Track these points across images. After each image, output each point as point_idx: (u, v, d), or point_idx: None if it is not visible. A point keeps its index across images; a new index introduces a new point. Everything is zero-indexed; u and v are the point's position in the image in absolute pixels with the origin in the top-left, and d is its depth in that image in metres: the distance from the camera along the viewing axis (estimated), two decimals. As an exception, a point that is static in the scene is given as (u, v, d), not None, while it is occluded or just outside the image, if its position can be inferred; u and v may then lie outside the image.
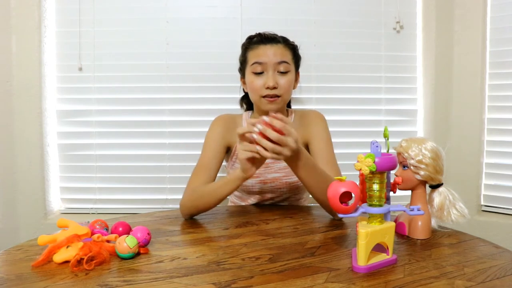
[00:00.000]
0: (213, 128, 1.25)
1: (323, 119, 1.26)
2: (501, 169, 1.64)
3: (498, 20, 1.62)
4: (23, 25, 1.60)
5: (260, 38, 1.21)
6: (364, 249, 0.71)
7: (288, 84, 1.18)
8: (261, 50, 1.17)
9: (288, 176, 1.23)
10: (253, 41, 1.22)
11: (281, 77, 1.17)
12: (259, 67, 1.17)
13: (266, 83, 1.15)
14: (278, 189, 1.25)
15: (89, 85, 1.68)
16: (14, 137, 1.63)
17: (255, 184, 1.25)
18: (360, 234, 0.71)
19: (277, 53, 1.17)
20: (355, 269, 0.72)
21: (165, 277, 0.70)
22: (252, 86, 1.18)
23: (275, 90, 1.16)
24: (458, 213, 0.91)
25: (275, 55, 1.17)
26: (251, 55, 1.19)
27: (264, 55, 1.17)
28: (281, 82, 1.17)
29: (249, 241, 0.89)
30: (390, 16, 1.71)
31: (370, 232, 0.71)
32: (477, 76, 1.63)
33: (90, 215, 1.69)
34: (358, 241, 0.71)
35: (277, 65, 1.17)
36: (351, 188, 0.72)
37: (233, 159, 1.27)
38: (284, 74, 1.18)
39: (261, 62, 1.16)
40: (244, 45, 1.26)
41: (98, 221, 0.90)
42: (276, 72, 1.17)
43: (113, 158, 1.70)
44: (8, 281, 0.68)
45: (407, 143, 0.92)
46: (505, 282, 0.67)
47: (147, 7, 1.66)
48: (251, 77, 1.18)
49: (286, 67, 1.18)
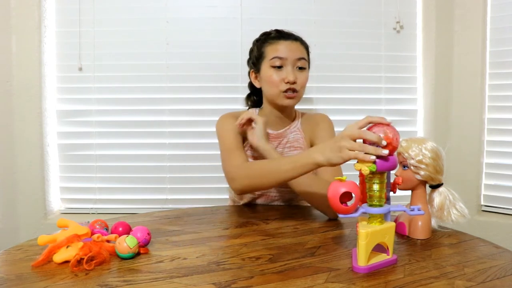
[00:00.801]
0: (225, 121, 1.24)
1: (328, 121, 1.28)
2: (501, 169, 1.64)
3: (498, 20, 1.62)
4: (23, 25, 1.60)
5: (279, 34, 1.22)
6: (365, 249, 0.71)
7: (305, 81, 1.21)
8: (281, 45, 1.18)
9: None
10: (271, 36, 1.22)
11: (300, 73, 1.19)
12: (278, 61, 1.17)
13: (286, 77, 1.16)
14: (281, 188, 1.25)
15: (89, 85, 1.68)
16: (14, 137, 1.63)
17: None
18: (360, 234, 0.71)
19: (297, 49, 1.19)
20: (355, 270, 0.72)
21: (165, 277, 0.70)
22: (271, 79, 1.18)
23: (294, 85, 1.17)
24: (458, 213, 0.91)
25: (295, 51, 1.18)
26: (270, 49, 1.20)
27: (285, 50, 1.17)
28: (300, 78, 1.18)
29: (249, 241, 0.89)
30: (390, 16, 1.71)
31: (370, 232, 0.71)
32: (477, 76, 1.63)
33: (90, 215, 1.69)
34: (359, 241, 0.71)
35: (297, 61, 1.18)
36: (351, 188, 0.72)
37: None
38: (302, 70, 1.20)
39: (282, 57, 1.17)
40: (260, 40, 1.26)
41: (98, 221, 0.90)
42: (295, 68, 1.18)
43: (113, 158, 1.70)
44: (8, 281, 0.68)
45: (407, 143, 0.92)
46: (505, 282, 0.67)
47: (147, 7, 1.66)
48: (269, 71, 1.19)
49: (304, 64, 1.20)
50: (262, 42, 1.24)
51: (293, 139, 1.26)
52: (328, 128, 1.26)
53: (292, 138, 1.26)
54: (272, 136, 1.26)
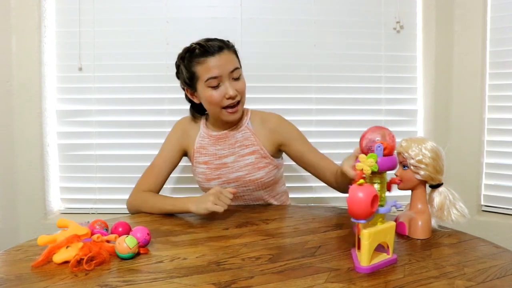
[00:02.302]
0: (173, 132, 1.32)
1: (286, 120, 1.28)
2: (501, 169, 1.64)
3: (498, 20, 1.62)
4: (23, 25, 1.60)
5: (203, 49, 1.15)
6: (368, 249, 0.71)
7: (244, 88, 1.20)
8: (210, 63, 1.13)
9: (251, 174, 1.22)
10: (196, 53, 1.15)
11: (236, 82, 1.17)
12: (214, 81, 1.14)
13: (226, 93, 1.15)
14: (245, 188, 1.24)
15: (89, 85, 1.68)
16: (14, 137, 1.63)
17: (219, 185, 1.23)
18: (363, 234, 0.71)
19: (227, 62, 1.15)
20: (358, 270, 0.72)
21: (165, 277, 0.70)
22: (212, 100, 1.16)
23: (236, 97, 1.17)
24: (458, 213, 0.91)
25: (226, 64, 1.14)
26: (201, 70, 1.15)
27: (216, 67, 1.13)
28: (238, 87, 1.17)
29: (249, 241, 0.89)
30: (390, 16, 1.71)
31: (373, 233, 0.71)
32: (477, 76, 1.63)
33: (90, 215, 1.69)
34: (362, 241, 0.71)
35: (231, 73, 1.16)
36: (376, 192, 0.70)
37: (194, 163, 1.28)
38: (238, 79, 1.18)
39: (216, 76, 1.13)
40: (185, 58, 1.19)
41: (98, 221, 0.90)
42: (231, 80, 1.16)
43: (113, 158, 1.70)
44: (8, 281, 0.68)
45: (407, 143, 0.92)
46: (505, 282, 0.67)
47: (147, 7, 1.66)
48: (208, 92, 1.15)
49: (238, 72, 1.18)
50: (189, 61, 1.17)
51: (243, 137, 1.24)
52: (290, 127, 1.26)
53: (241, 137, 1.24)
54: (217, 137, 1.25)
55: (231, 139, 1.25)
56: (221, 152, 1.25)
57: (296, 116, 1.66)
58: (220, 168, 1.24)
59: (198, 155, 1.27)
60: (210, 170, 1.25)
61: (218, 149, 1.25)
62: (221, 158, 1.24)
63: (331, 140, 1.71)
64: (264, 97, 1.67)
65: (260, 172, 1.22)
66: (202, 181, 1.27)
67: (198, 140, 1.28)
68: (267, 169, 1.23)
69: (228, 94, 1.15)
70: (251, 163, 1.22)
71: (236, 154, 1.24)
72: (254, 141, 1.24)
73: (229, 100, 1.16)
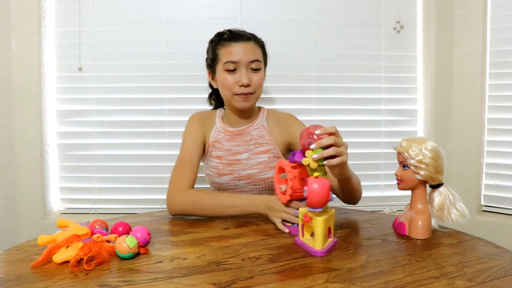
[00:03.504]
0: (190, 124, 1.30)
1: (298, 120, 1.30)
2: (501, 169, 1.64)
3: (498, 20, 1.62)
4: (23, 25, 1.60)
5: (231, 35, 1.21)
6: (322, 234, 0.80)
7: (261, 81, 1.22)
8: (233, 48, 1.19)
9: (263, 172, 1.23)
10: (224, 37, 1.22)
11: (254, 74, 1.20)
12: (232, 65, 1.18)
13: (240, 80, 1.18)
14: (254, 186, 1.25)
15: (89, 85, 1.67)
16: (14, 137, 1.63)
17: (229, 181, 1.25)
18: (318, 221, 0.79)
19: (249, 51, 1.19)
20: (314, 254, 0.80)
21: (165, 277, 0.70)
22: (225, 83, 1.20)
23: (248, 88, 1.19)
24: (458, 213, 0.91)
25: (248, 53, 1.18)
26: (223, 52, 1.20)
27: (237, 53, 1.18)
28: (254, 79, 1.20)
29: (249, 241, 0.89)
30: (390, 16, 1.71)
31: (326, 219, 0.81)
32: (477, 76, 1.63)
33: (90, 215, 1.69)
34: (316, 228, 0.80)
35: (250, 63, 1.19)
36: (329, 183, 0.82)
37: (207, 157, 1.28)
38: (257, 71, 1.21)
39: (235, 60, 1.18)
40: (213, 41, 1.26)
41: (98, 221, 0.90)
42: (249, 70, 1.19)
43: (113, 158, 1.69)
44: (8, 281, 0.68)
45: (407, 143, 0.92)
46: (505, 282, 0.67)
47: (147, 7, 1.66)
48: (223, 75, 1.20)
49: (258, 65, 1.20)
50: (216, 44, 1.24)
51: (258, 135, 1.26)
52: (302, 126, 1.25)
53: (256, 135, 1.26)
54: (233, 133, 1.27)
55: (246, 136, 1.26)
56: (236, 148, 1.26)
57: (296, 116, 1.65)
58: (233, 164, 1.25)
59: (213, 149, 1.27)
60: (223, 165, 1.25)
61: (233, 145, 1.26)
62: (235, 154, 1.25)
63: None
64: (264, 97, 1.67)
65: (272, 171, 1.23)
66: (213, 175, 1.27)
67: (214, 134, 1.28)
68: None
69: (241, 82, 1.17)
70: (263, 162, 1.23)
71: (250, 152, 1.25)
72: (268, 140, 1.25)
73: (242, 88, 1.18)
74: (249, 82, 1.18)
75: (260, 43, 1.25)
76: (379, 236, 0.93)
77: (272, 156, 1.24)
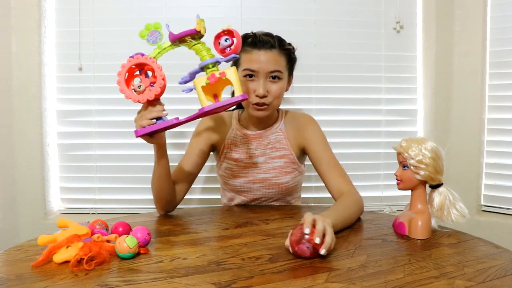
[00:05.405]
0: (199, 126, 1.27)
1: (315, 122, 1.27)
2: (501, 169, 1.64)
3: (498, 20, 1.62)
4: (23, 25, 1.60)
5: (255, 40, 1.15)
6: (239, 81, 0.95)
7: (279, 92, 1.16)
8: (254, 55, 1.13)
9: (278, 177, 1.23)
10: (247, 42, 1.16)
11: (272, 84, 1.15)
12: (250, 73, 1.14)
13: (256, 90, 1.13)
14: (268, 190, 1.25)
15: (89, 85, 1.67)
16: (14, 137, 1.63)
17: (244, 184, 1.25)
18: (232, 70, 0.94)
19: (270, 60, 1.13)
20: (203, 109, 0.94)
21: (165, 277, 0.70)
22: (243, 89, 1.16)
23: (264, 98, 1.14)
24: (458, 213, 0.91)
25: (268, 62, 1.13)
26: (244, 58, 1.15)
27: (257, 61, 1.13)
28: (272, 90, 1.15)
29: (249, 241, 0.89)
30: (390, 16, 1.71)
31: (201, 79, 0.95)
32: (477, 76, 1.63)
33: (90, 215, 1.69)
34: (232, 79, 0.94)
35: (269, 73, 1.14)
36: None
37: (221, 158, 1.27)
38: (276, 81, 1.15)
39: (254, 69, 1.13)
40: None
41: (98, 221, 0.90)
42: (268, 79, 1.14)
43: (113, 158, 1.69)
44: (8, 281, 0.68)
45: (407, 143, 0.92)
46: (505, 282, 0.67)
47: (147, 7, 1.66)
48: (242, 80, 1.15)
49: (278, 75, 1.15)
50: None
51: (275, 140, 1.25)
52: (316, 130, 1.24)
53: (274, 139, 1.25)
54: (251, 136, 1.25)
55: (264, 140, 1.25)
56: (253, 151, 1.24)
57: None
58: (249, 167, 1.24)
59: (228, 151, 1.25)
60: (239, 167, 1.24)
61: (250, 149, 1.24)
62: (251, 158, 1.24)
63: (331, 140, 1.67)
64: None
65: (287, 177, 1.23)
66: (227, 176, 1.26)
67: (230, 136, 1.26)
68: (293, 175, 1.24)
69: (257, 92, 1.13)
70: (279, 167, 1.22)
71: (267, 156, 1.24)
72: (285, 145, 1.24)
73: (257, 98, 1.14)
74: (265, 93, 1.13)
75: (285, 50, 1.18)
76: (379, 236, 0.93)
77: (288, 161, 1.23)
